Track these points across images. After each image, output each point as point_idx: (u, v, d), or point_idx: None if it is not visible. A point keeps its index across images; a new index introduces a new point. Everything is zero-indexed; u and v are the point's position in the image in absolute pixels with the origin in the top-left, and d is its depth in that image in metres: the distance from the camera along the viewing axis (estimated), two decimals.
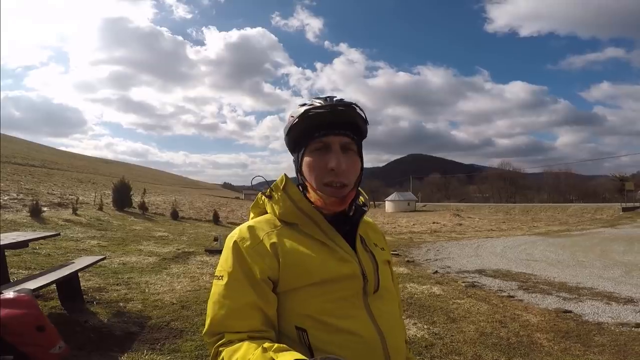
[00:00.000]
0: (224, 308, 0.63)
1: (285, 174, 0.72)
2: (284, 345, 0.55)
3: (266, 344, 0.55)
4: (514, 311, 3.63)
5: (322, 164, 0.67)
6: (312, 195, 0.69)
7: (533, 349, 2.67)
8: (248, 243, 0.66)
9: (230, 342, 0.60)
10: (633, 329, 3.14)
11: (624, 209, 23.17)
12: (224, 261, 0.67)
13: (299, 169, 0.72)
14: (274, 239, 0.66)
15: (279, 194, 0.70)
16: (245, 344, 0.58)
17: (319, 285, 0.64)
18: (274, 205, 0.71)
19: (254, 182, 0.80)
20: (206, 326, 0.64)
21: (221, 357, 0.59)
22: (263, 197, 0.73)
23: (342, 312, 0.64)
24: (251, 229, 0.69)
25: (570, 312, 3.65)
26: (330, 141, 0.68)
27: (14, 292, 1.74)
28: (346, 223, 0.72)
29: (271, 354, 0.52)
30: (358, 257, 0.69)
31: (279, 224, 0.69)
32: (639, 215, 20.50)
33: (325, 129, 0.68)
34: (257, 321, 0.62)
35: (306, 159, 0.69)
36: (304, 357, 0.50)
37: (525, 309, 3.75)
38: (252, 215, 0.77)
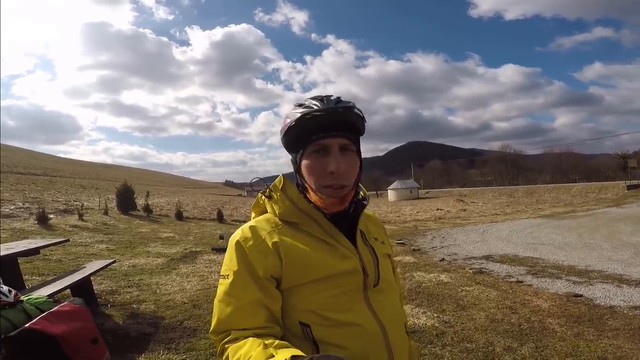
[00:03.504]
0: (230, 306, 0.64)
1: (282, 175, 0.72)
2: (285, 342, 0.58)
3: (267, 341, 0.57)
4: (523, 297, 3.64)
5: (321, 167, 0.67)
6: (312, 195, 0.70)
7: (545, 335, 2.67)
8: (251, 243, 0.67)
9: (236, 340, 0.61)
10: None
11: (629, 187, 23.01)
12: (229, 261, 0.68)
13: (297, 170, 0.72)
14: (276, 238, 0.67)
15: (278, 194, 0.71)
16: (250, 340, 0.59)
17: (321, 281, 0.65)
18: (273, 205, 0.72)
19: (253, 183, 0.80)
20: (213, 324, 0.66)
21: (226, 353, 0.61)
22: (263, 197, 0.74)
23: (343, 306, 0.65)
24: (253, 228, 0.70)
25: (581, 296, 3.64)
26: (328, 144, 0.67)
27: (69, 302, 1.76)
28: (346, 219, 0.72)
29: (271, 350, 0.54)
30: (359, 253, 0.70)
31: (280, 222, 0.70)
32: None
33: (323, 132, 0.67)
34: (262, 318, 0.63)
35: (305, 162, 0.69)
36: (302, 354, 0.51)
37: (535, 294, 3.75)
38: (253, 214, 0.78)
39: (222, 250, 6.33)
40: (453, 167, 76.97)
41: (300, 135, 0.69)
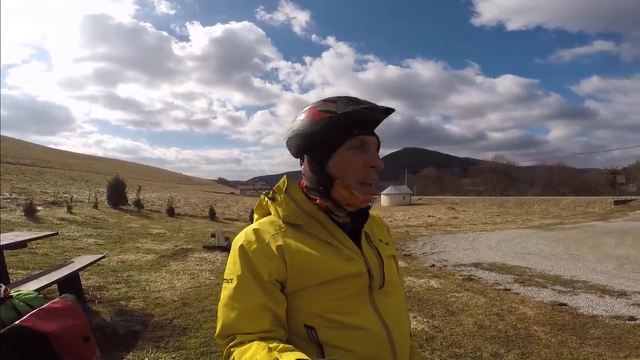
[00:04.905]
0: (234, 311, 0.64)
1: (287, 175, 0.72)
2: (289, 346, 0.57)
3: (272, 344, 0.57)
4: (510, 304, 3.71)
5: (361, 161, 0.68)
6: (340, 192, 0.69)
7: (531, 342, 2.74)
8: (255, 246, 0.67)
9: (241, 343, 0.61)
10: (627, 321, 3.23)
11: (616, 202, 23.61)
12: (232, 264, 0.68)
13: (322, 166, 0.70)
14: (280, 241, 0.67)
15: (282, 196, 0.70)
16: (255, 343, 0.59)
17: (326, 284, 0.65)
18: (277, 207, 0.71)
19: (257, 184, 0.80)
20: (218, 329, 0.66)
21: (232, 357, 0.61)
22: (266, 198, 0.74)
23: (349, 309, 0.65)
24: (256, 231, 0.69)
25: (565, 305, 3.74)
26: (367, 140, 0.69)
27: (60, 298, 1.72)
28: (358, 219, 0.73)
29: (275, 353, 0.54)
30: (364, 255, 0.70)
31: (283, 225, 0.70)
32: (630, 208, 20.92)
33: (365, 128, 0.70)
34: (267, 322, 0.63)
35: (341, 157, 0.69)
36: (306, 357, 0.52)
37: (522, 302, 3.83)
38: (256, 216, 0.77)
39: (214, 248, 6.27)
40: (446, 175, 77.89)
41: (341, 129, 0.68)
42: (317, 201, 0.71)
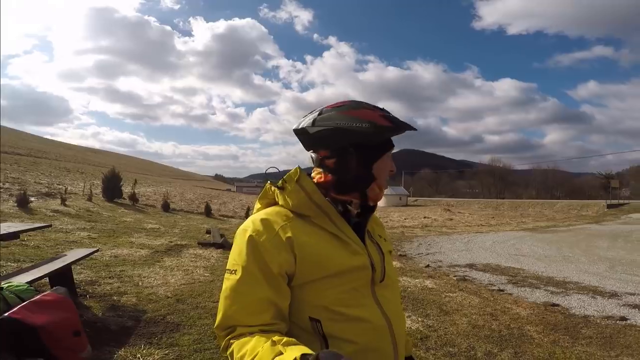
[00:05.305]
0: (236, 303, 0.63)
1: (299, 167, 0.71)
2: (293, 339, 0.57)
3: (275, 337, 0.56)
4: (504, 304, 3.74)
5: (388, 167, 0.76)
6: (374, 191, 0.74)
7: (524, 341, 2.76)
8: (264, 237, 0.65)
9: (241, 335, 0.61)
10: (618, 322, 3.27)
11: (609, 206, 23.90)
12: (237, 255, 0.66)
13: (371, 166, 0.73)
14: (289, 233, 0.66)
15: (292, 185, 0.70)
16: (256, 336, 0.59)
17: (333, 277, 0.66)
18: (286, 196, 0.70)
19: (268, 171, 0.81)
20: (218, 320, 0.65)
21: (231, 349, 0.60)
22: (272, 187, 0.73)
23: (353, 301, 0.67)
24: (265, 221, 0.68)
25: (558, 305, 3.78)
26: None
27: (51, 291, 1.69)
28: (356, 215, 0.75)
29: (279, 347, 0.53)
30: (367, 249, 0.72)
31: (291, 215, 0.69)
32: (623, 212, 21.20)
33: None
34: (269, 315, 0.62)
35: (383, 161, 0.75)
36: (310, 352, 0.51)
37: (515, 302, 3.86)
38: (258, 205, 0.76)
39: (209, 245, 6.23)
40: (443, 177, 78.33)
41: (389, 137, 0.75)
42: (337, 196, 0.72)
